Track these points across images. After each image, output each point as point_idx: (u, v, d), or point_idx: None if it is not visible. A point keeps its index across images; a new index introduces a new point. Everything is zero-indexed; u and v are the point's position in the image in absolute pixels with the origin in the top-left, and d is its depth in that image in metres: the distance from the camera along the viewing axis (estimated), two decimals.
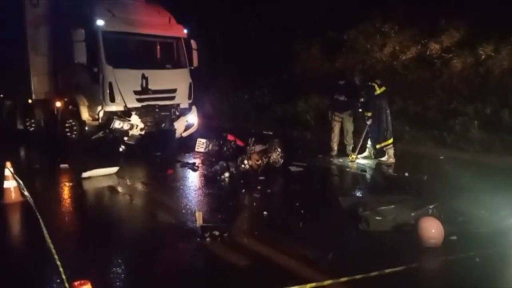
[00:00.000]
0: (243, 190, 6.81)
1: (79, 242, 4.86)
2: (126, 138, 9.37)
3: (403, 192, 6.31)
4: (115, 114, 9.29)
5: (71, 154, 9.02)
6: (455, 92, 10.41)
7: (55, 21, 10.27)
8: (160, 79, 9.99)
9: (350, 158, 8.91)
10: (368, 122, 8.64)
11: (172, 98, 10.27)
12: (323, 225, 5.25)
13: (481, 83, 10.11)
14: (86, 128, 9.65)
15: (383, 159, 8.69)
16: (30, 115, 11.61)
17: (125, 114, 9.35)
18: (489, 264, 3.97)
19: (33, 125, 11.61)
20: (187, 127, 10.55)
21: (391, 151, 8.65)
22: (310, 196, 6.55)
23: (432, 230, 4.45)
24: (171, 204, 6.21)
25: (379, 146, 8.69)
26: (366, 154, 9.05)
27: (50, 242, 2.39)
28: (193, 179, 7.74)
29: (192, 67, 10.69)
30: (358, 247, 4.58)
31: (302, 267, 4.05)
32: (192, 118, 10.63)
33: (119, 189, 6.97)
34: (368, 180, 7.90)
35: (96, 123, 9.52)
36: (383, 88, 8.58)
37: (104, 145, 9.28)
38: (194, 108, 10.73)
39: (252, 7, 15.64)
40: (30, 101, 11.14)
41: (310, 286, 3.35)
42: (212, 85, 15.73)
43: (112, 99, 9.30)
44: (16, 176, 5.37)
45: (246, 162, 7.72)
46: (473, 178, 6.41)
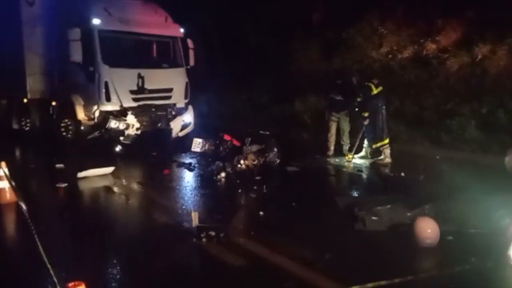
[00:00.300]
0: (240, 190, 6.79)
1: (74, 242, 4.84)
2: (122, 138, 9.31)
3: (399, 192, 6.31)
4: (111, 113, 9.24)
5: (66, 154, 8.98)
6: (452, 92, 10.43)
7: (51, 20, 10.21)
8: (157, 78, 9.95)
9: (347, 158, 8.92)
10: (365, 122, 8.64)
11: (169, 98, 10.23)
12: (319, 225, 5.23)
13: (477, 83, 10.14)
14: (82, 127, 9.60)
15: (380, 159, 8.69)
16: (26, 115, 11.54)
17: (121, 114, 9.30)
18: (485, 264, 3.97)
19: (28, 124, 11.54)
20: (184, 127, 10.52)
21: (388, 151, 8.65)
22: (307, 196, 6.53)
23: (428, 230, 4.45)
24: (167, 204, 6.19)
25: (375, 146, 8.69)
26: (363, 154, 9.05)
27: (39, 244, 2.36)
28: (189, 179, 7.72)
29: (189, 67, 10.67)
30: (354, 247, 4.57)
31: (298, 267, 4.04)
32: (188, 117, 10.60)
33: (115, 189, 6.95)
34: (365, 180, 7.90)
35: (92, 122, 9.47)
36: (380, 88, 8.58)
37: (100, 145, 9.24)
38: (190, 107, 10.70)
39: (250, 7, 15.62)
40: (25, 100, 11.07)
41: None
42: (209, 84, 15.70)
43: (108, 99, 9.26)
44: (9, 177, 5.36)
45: (242, 162, 7.70)
46: (469, 178, 6.40)
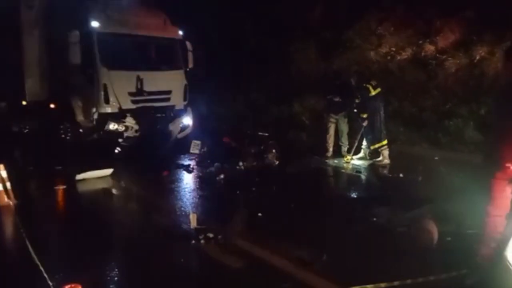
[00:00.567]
0: (238, 192, 6.79)
1: (72, 245, 4.83)
2: (121, 140, 9.32)
3: (398, 193, 6.32)
4: (109, 116, 9.24)
5: (65, 156, 8.98)
6: (450, 93, 10.44)
7: (50, 22, 10.20)
8: (155, 80, 9.95)
9: (345, 159, 8.92)
10: (364, 124, 8.65)
11: (167, 100, 10.23)
12: (318, 226, 5.24)
13: (476, 85, 10.14)
14: (81, 130, 9.61)
15: (378, 160, 8.70)
16: (25, 117, 11.54)
17: (120, 116, 9.31)
18: (484, 265, 3.96)
19: (27, 127, 11.54)
20: (182, 129, 10.52)
21: (386, 152, 8.66)
22: (305, 197, 6.54)
23: (426, 231, 4.45)
24: (166, 206, 6.19)
25: (373, 147, 8.70)
26: (361, 155, 9.06)
27: (30, 247, 2.36)
28: (188, 181, 7.73)
29: (187, 69, 10.68)
30: (353, 248, 4.57)
31: (297, 268, 4.05)
32: (187, 119, 10.60)
33: (114, 191, 6.95)
34: (363, 181, 7.90)
35: (90, 125, 9.47)
36: (378, 90, 8.59)
37: (99, 147, 9.24)
38: (189, 109, 10.70)
39: (249, 8, 15.63)
40: (24, 103, 11.07)
41: None
42: (207, 86, 15.70)
43: (107, 101, 9.25)
44: (5, 179, 5.35)
45: (241, 163, 7.72)
46: (467, 179, 6.41)
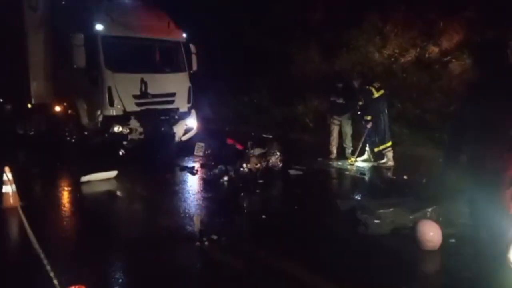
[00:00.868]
0: (242, 194, 6.80)
1: (77, 246, 4.86)
2: (125, 142, 9.36)
3: (401, 195, 6.31)
4: (114, 118, 9.29)
5: (70, 158, 9.03)
6: (454, 94, 10.41)
7: (55, 25, 10.30)
8: (159, 83, 9.99)
9: (349, 161, 8.92)
10: (368, 126, 8.63)
11: (171, 102, 10.27)
12: (321, 228, 5.25)
13: None
14: (86, 132, 9.66)
15: (382, 162, 8.69)
16: (30, 120, 11.62)
17: (124, 119, 9.36)
18: (487, 267, 3.96)
19: (32, 129, 11.62)
20: (187, 131, 10.55)
21: (390, 154, 8.65)
22: (309, 200, 6.55)
23: (431, 233, 4.45)
24: (170, 208, 6.21)
25: (377, 149, 8.69)
26: (365, 157, 9.05)
27: (38, 248, 2.38)
28: (192, 183, 7.75)
29: (191, 71, 10.72)
30: (357, 250, 4.57)
31: (301, 270, 4.05)
32: (191, 122, 10.63)
33: (118, 193, 6.97)
34: (367, 183, 7.90)
35: (95, 127, 9.52)
36: (382, 91, 8.58)
37: (103, 149, 9.29)
38: (193, 112, 10.74)
39: (250, 9, 15.67)
40: (29, 105, 11.16)
41: None
42: (211, 88, 15.75)
43: (111, 104, 9.30)
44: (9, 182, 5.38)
45: (245, 165, 7.73)
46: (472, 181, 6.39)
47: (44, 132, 11.19)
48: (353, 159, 8.90)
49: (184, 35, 10.66)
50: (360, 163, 8.89)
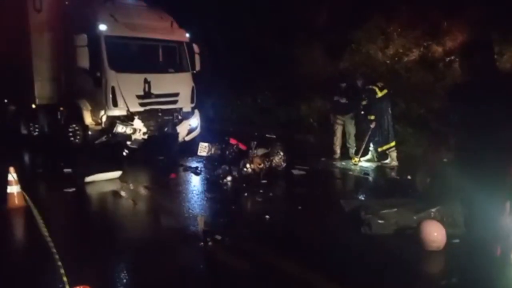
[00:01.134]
0: (246, 194, 6.82)
1: (81, 246, 4.87)
2: (129, 143, 9.38)
3: (405, 195, 6.30)
4: (118, 118, 9.31)
5: (74, 159, 9.06)
6: None
7: (58, 26, 10.33)
8: (163, 83, 10.02)
9: (353, 161, 8.91)
10: (372, 125, 8.62)
11: (175, 102, 10.30)
12: (325, 228, 5.24)
13: None
14: (89, 132, 9.68)
15: (386, 162, 8.67)
16: (34, 120, 11.66)
17: (128, 119, 9.38)
18: (492, 267, 3.95)
19: (37, 130, 11.67)
20: (190, 131, 10.58)
21: (394, 154, 8.64)
22: (313, 200, 6.55)
23: (434, 234, 4.44)
24: (174, 208, 6.22)
25: (381, 149, 8.68)
26: (369, 157, 9.03)
27: (53, 248, 2.40)
28: (195, 183, 7.76)
29: (195, 71, 10.74)
30: (360, 251, 4.57)
31: (304, 271, 4.05)
32: (194, 122, 10.66)
33: (122, 193, 6.99)
34: (371, 183, 7.89)
35: (99, 127, 9.56)
36: (385, 91, 8.57)
37: (107, 149, 9.32)
38: (196, 112, 10.76)
39: (254, 10, 15.67)
40: (33, 106, 11.20)
41: None
42: (214, 88, 15.77)
43: (115, 104, 9.33)
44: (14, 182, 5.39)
45: (248, 165, 7.72)
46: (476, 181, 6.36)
47: (48, 133, 11.24)
48: (356, 159, 8.88)
49: (187, 35, 10.69)
50: (363, 163, 8.87)
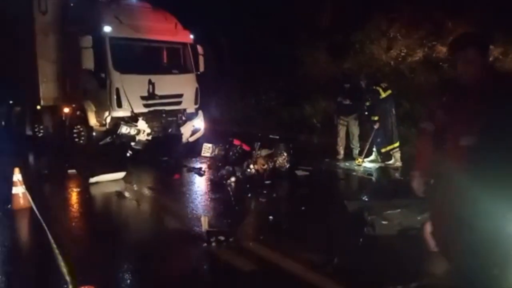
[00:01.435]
0: (249, 195, 6.82)
1: (85, 247, 4.90)
2: (133, 143, 9.43)
3: (409, 196, 6.27)
4: (122, 119, 9.36)
5: (79, 160, 9.11)
6: None
7: (63, 28, 10.39)
8: (167, 84, 10.06)
9: (357, 162, 8.89)
10: (375, 126, 8.60)
11: (179, 103, 10.34)
12: (329, 229, 5.24)
13: None
14: (94, 133, 9.74)
15: (390, 163, 8.66)
16: (39, 121, 11.75)
17: (132, 120, 9.42)
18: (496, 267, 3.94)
19: (41, 131, 11.74)
20: (194, 132, 10.61)
21: (398, 155, 8.61)
22: (316, 200, 6.54)
23: None
24: (178, 209, 6.23)
25: (385, 150, 8.66)
26: (373, 157, 9.02)
27: (56, 248, 2.41)
28: (199, 184, 7.77)
29: (199, 72, 10.77)
30: (364, 252, 4.56)
31: (308, 271, 4.05)
32: (198, 123, 10.69)
33: (126, 194, 7.01)
34: (375, 184, 7.87)
35: (103, 128, 9.61)
36: (389, 92, 8.55)
37: (112, 150, 9.36)
38: (200, 113, 10.79)
39: (258, 11, 15.69)
40: (38, 107, 11.27)
41: None
42: (218, 89, 15.80)
43: (119, 105, 9.38)
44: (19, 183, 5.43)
45: (252, 166, 7.73)
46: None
47: (53, 134, 11.30)
48: (360, 160, 8.87)
49: (191, 36, 10.72)
50: (367, 164, 8.86)
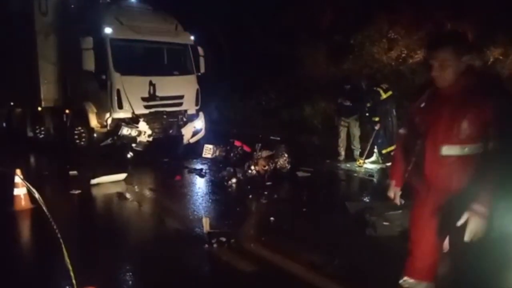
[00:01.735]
0: (250, 196, 6.83)
1: (87, 248, 4.89)
2: (134, 145, 9.44)
3: (410, 197, 6.27)
4: (123, 121, 9.37)
5: (80, 161, 9.11)
6: None
7: (64, 29, 10.41)
8: (168, 85, 10.07)
9: (358, 163, 8.90)
10: (376, 127, 8.60)
11: (180, 105, 10.34)
12: (330, 230, 5.24)
13: None
14: (95, 135, 9.76)
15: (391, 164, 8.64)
16: (40, 123, 11.76)
17: (133, 121, 9.43)
18: (498, 268, 3.93)
19: (42, 132, 11.75)
20: (195, 133, 10.61)
21: None
22: (317, 202, 6.55)
23: None
24: (179, 210, 6.23)
25: (385, 151, 8.65)
26: (374, 159, 9.02)
27: (64, 249, 2.41)
28: (200, 185, 7.77)
29: (199, 74, 10.78)
30: (365, 253, 4.56)
31: (309, 272, 4.05)
32: (199, 124, 10.69)
33: (127, 195, 7.02)
34: (376, 185, 7.87)
35: (104, 130, 9.61)
36: (390, 93, 8.56)
37: (113, 151, 9.37)
38: (201, 114, 10.80)
39: (258, 12, 15.70)
40: (39, 108, 11.29)
41: None
42: (219, 91, 15.81)
43: (120, 106, 9.39)
44: (27, 184, 5.43)
45: (253, 167, 7.73)
46: None
47: (54, 135, 11.31)
48: (361, 161, 8.87)
49: (192, 37, 10.74)
50: (368, 165, 8.86)
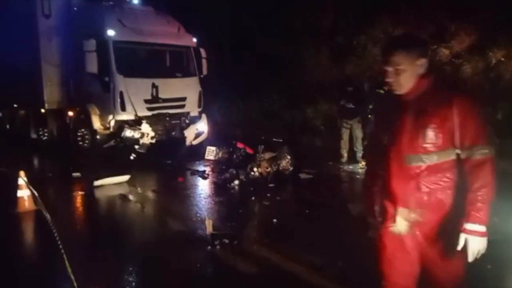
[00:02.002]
0: (253, 198, 6.84)
1: (90, 250, 4.91)
2: (137, 147, 9.45)
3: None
4: (126, 123, 9.39)
5: (83, 163, 9.14)
6: None
7: (67, 32, 10.45)
8: (170, 87, 10.10)
9: (360, 165, 8.88)
10: None
11: (182, 107, 10.36)
12: (332, 232, 5.24)
13: (492, 88, 10.03)
14: (98, 137, 9.78)
15: None
16: (43, 125, 11.78)
17: (136, 123, 9.45)
18: (500, 271, 3.93)
19: (46, 134, 11.78)
20: (197, 135, 10.62)
21: None
22: (320, 204, 6.54)
23: None
24: (182, 212, 6.25)
25: None
26: None
27: (63, 252, 2.42)
28: (203, 187, 7.79)
29: (202, 76, 10.80)
30: (367, 255, 4.55)
31: (311, 274, 4.05)
32: (202, 126, 10.70)
33: (130, 197, 7.04)
34: None
35: (107, 132, 9.64)
36: None
37: (116, 153, 9.39)
38: (204, 116, 10.81)
39: (260, 14, 15.71)
40: (43, 110, 11.31)
41: None
42: (221, 92, 15.81)
43: (123, 108, 9.42)
44: (29, 186, 5.45)
45: (255, 169, 7.74)
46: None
47: (57, 137, 11.34)
48: (363, 163, 8.86)
49: (194, 40, 10.77)
50: None
